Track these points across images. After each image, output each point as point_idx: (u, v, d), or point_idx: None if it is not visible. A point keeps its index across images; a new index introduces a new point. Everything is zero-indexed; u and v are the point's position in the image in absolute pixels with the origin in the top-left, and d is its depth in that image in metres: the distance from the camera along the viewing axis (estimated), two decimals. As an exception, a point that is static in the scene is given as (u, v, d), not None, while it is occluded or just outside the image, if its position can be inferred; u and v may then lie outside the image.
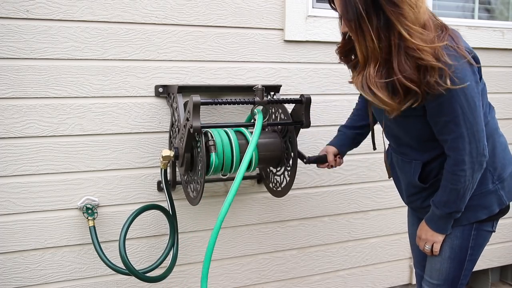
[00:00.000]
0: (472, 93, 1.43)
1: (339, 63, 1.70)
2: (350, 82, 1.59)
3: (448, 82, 1.38)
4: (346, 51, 1.64)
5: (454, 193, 1.54)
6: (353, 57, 1.64)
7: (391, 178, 1.87)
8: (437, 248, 1.66)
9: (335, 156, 1.98)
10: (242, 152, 1.89)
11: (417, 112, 1.49)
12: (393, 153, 1.78)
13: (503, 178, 1.63)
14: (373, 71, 1.43)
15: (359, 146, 2.02)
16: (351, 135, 1.98)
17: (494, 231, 1.70)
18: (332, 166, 2.00)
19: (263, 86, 1.87)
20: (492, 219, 1.66)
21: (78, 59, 1.94)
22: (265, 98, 1.88)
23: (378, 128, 1.81)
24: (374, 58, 1.43)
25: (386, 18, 1.36)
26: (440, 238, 1.65)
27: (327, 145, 2.01)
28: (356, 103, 2.00)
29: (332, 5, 1.53)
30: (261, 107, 1.87)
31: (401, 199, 1.86)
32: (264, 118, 1.85)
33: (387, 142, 1.82)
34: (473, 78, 1.43)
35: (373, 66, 1.44)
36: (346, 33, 1.59)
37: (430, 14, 1.47)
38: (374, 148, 1.95)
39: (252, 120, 1.97)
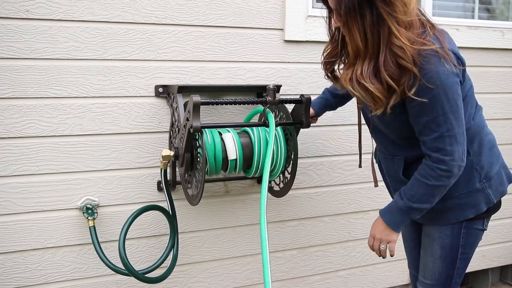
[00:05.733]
0: (455, 95, 1.43)
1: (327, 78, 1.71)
2: (329, 78, 1.63)
3: (414, 89, 1.40)
4: (333, 57, 1.64)
5: (424, 188, 1.52)
6: (336, 68, 1.66)
7: (377, 186, 1.92)
8: (392, 247, 1.64)
9: (311, 117, 2.04)
10: (245, 151, 1.91)
11: (396, 110, 1.49)
12: (379, 152, 1.80)
13: (490, 177, 1.63)
14: (364, 66, 1.44)
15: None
16: (332, 103, 2.08)
17: (486, 229, 1.70)
18: None
19: (275, 86, 1.87)
20: (482, 217, 1.66)
21: (78, 59, 1.94)
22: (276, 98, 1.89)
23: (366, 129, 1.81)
24: (364, 53, 1.44)
25: (378, 14, 1.38)
26: (394, 237, 1.63)
27: None
28: None
29: (324, 2, 1.55)
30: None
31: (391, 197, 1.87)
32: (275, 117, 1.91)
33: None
34: (454, 80, 1.43)
35: (363, 62, 1.45)
36: (333, 36, 1.61)
37: (418, 12, 1.48)
38: (360, 149, 1.97)
39: (263, 120, 1.98)
